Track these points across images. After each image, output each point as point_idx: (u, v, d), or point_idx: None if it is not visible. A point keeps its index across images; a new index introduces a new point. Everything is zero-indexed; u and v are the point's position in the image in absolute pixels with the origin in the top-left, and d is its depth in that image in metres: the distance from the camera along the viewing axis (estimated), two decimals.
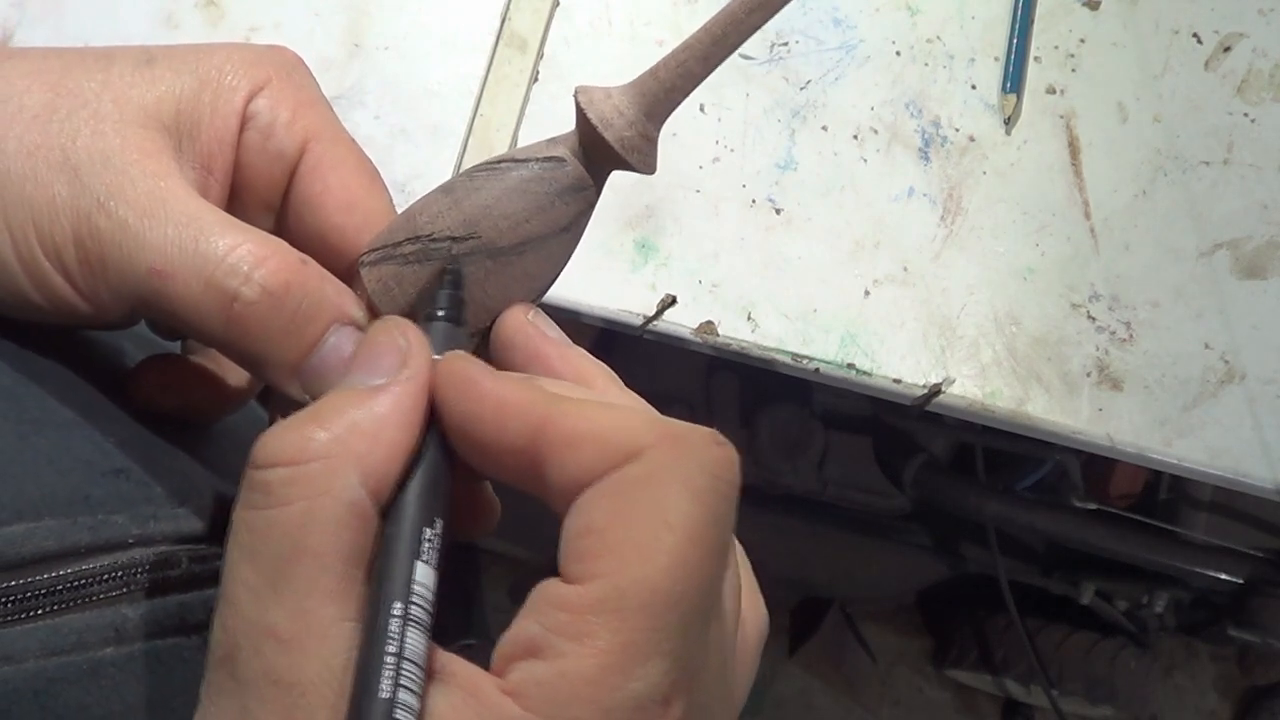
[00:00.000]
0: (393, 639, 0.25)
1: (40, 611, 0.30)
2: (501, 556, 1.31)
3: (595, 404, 0.28)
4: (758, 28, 0.30)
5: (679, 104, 0.31)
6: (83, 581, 0.31)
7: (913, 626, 1.45)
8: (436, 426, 0.28)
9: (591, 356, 0.32)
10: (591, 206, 0.32)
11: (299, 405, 0.32)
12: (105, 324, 0.35)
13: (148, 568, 0.32)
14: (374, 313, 0.32)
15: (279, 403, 0.34)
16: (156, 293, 0.31)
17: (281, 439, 0.26)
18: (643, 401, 0.31)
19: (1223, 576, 1.04)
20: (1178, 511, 1.06)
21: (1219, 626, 1.13)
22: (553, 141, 0.32)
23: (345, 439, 0.26)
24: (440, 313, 0.31)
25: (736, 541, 0.31)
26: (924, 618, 1.45)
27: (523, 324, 0.32)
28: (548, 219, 0.31)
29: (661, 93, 0.31)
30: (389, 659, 0.24)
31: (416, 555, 0.26)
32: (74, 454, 0.32)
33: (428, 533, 0.27)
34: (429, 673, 0.26)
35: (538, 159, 0.32)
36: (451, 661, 0.26)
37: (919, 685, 1.44)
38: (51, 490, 0.31)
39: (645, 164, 0.32)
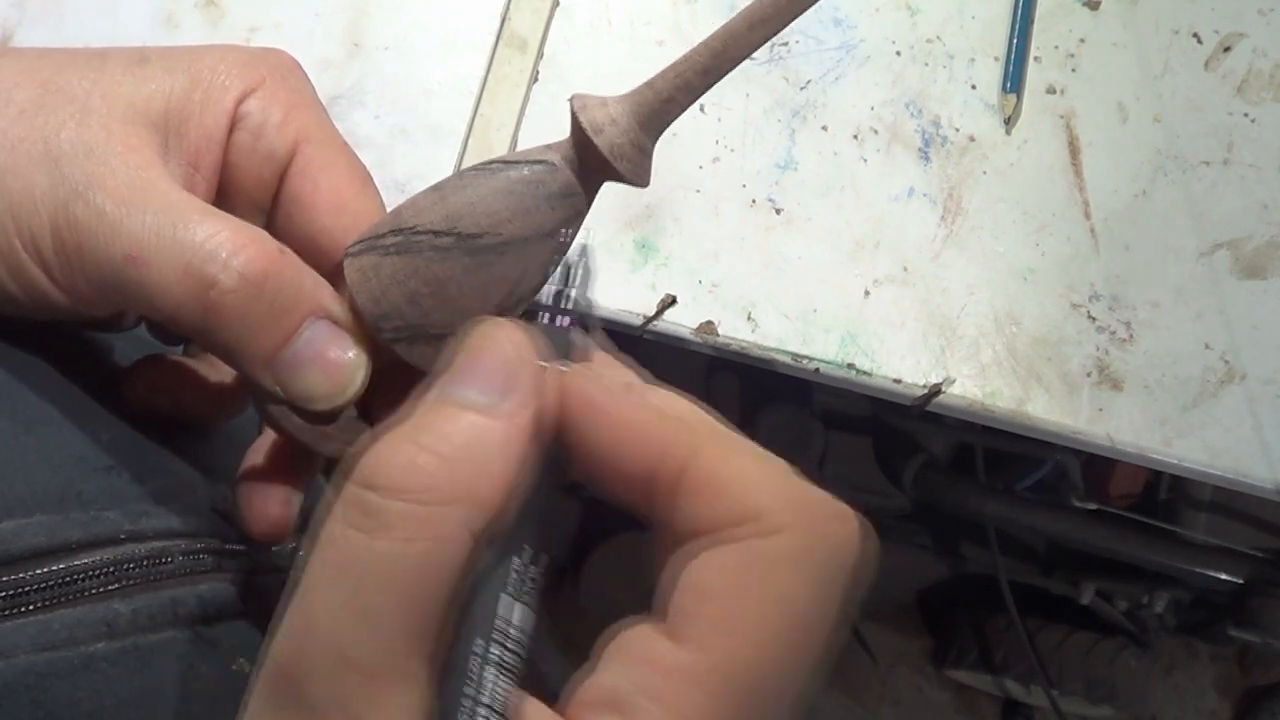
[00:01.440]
0: (470, 679, 0.24)
1: (32, 607, 0.30)
2: None
3: (728, 447, 0.27)
4: (758, 45, 0.30)
5: (675, 117, 0.31)
6: (74, 577, 0.31)
7: (913, 626, 1.45)
8: (549, 453, 0.27)
9: (638, 368, 0.30)
10: (580, 215, 0.32)
11: (276, 399, 0.32)
12: (87, 318, 0.35)
13: (140, 563, 0.32)
14: (352, 305, 0.32)
15: (258, 397, 0.33)
16: (133, 280, 0.30)
17: (397, 462, 0.25)
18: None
19: (1223, 576, 1.04)
20: (1178, 511, 1.06)
21: (1219, 626, 1.13)
22: (548, 147, 0.32)
23: (466, 479, 0.25)
24: (565, 319, 0.29)
25: None
26: (924, 618, 1.45)
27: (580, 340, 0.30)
28: (531, 221, 0.31)
29: (658, 103, 0.30)
30: (465, 701, 0.23)
31: (504, 589, 0.25)
32: (66, 451, 0.32)
33: (516, 563, 0.26)
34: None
35: (528, 161, 0.31)
36: (523, 702, 0.25)
37: (919, 685, 1.44)
38: (43, 487, 0.31)
39: (637, 174, 0.31)
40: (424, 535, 0.24)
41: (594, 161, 0.31)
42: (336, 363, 0.32)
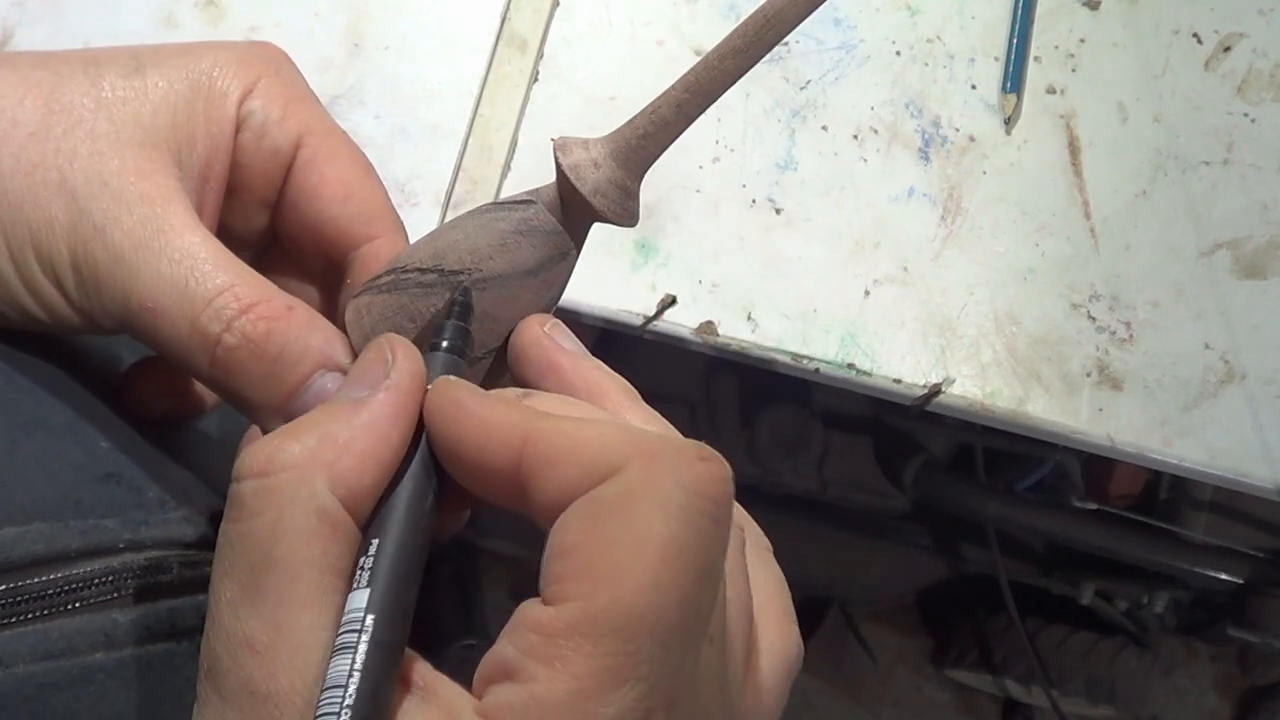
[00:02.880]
0: (352, 651, 0.25)
1: (31, 616, 0.30)
2: (501, 556, 1.31)
3: (576, 420, 0.27)
4: (734, 77, 0.30)
5: (655, 155, 0.31)
6: (73, 586, 0.31)
7: (913, 626, 1.45)
8: (424, 447, 0.29)
9: (608, 369, 0.31)
10: (563, 255, 0.32)
11: None
12: (104, 334, 0.35)
13: (138, 573, 0.32)
14: (352, 349, 0.33)
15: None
16: (147, 327, 0.31)
17: (256, 452, 0.27)
18: (656, 415, 0.30)
19: (1223, 576, 1.04)
20: (1178, 511, 1.06)
21: (1219, 626, 1.13)
22: (535, 190, 0.32)
23: (316, 449, 0.27)
24: (443, 343, 0.31)
25: (775, 565, 0.30)
26: (924, 618, 1.45)
27: (537, 335, 0.32)
28: (511, 258, 0.31)
29: (636, 141, 0.31)
30: (355, 673, 0.24)
31: (390, 570, 0.26)
32: (65, 458, 0.32)
33: (403, 549, 0.27)
34: (410, 687, 0.26)
35: (513, 203, 0.32)
36: (436, 680, 0.26)
37: (919, 685, 1.44)
38: (42, 495, 0.31)
39: (620, 215, 0.32)
40: (272, 505, 0.26)
41: (576, 203, 0.31)
42: None
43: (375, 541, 0.27)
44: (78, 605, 0.31)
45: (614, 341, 0.68)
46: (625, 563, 0.24)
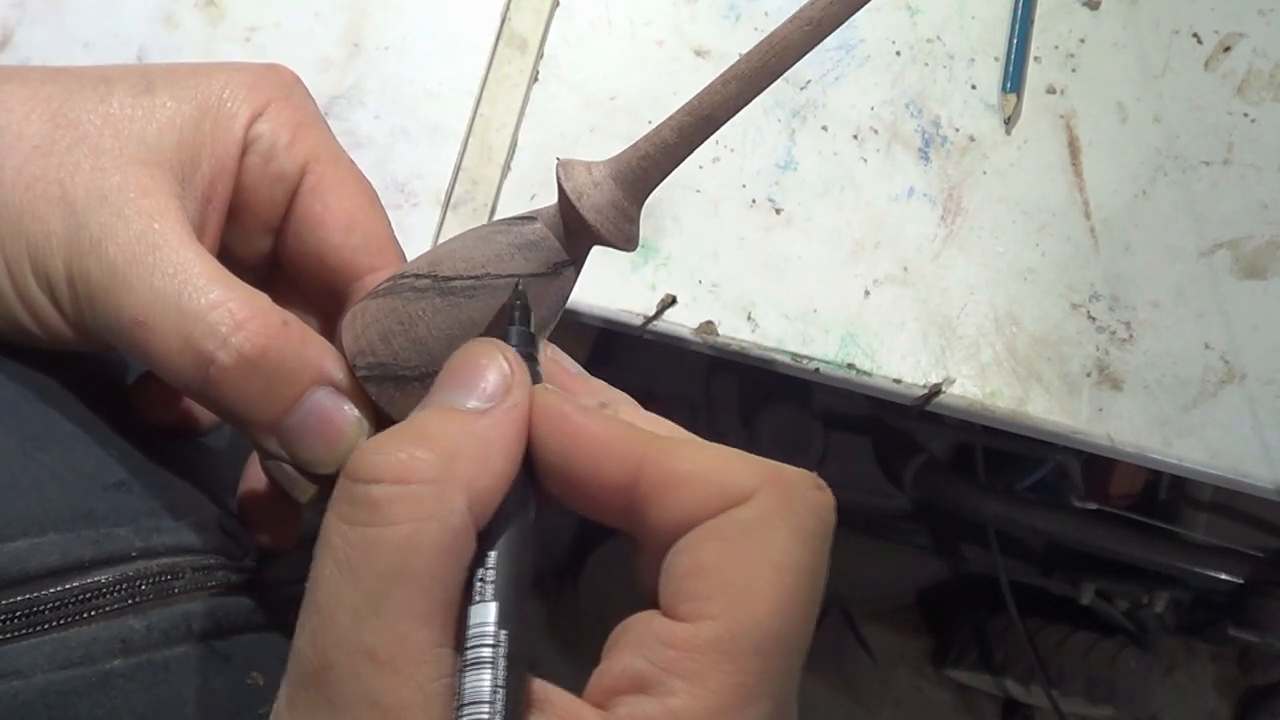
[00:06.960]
0: (490, 666, 0.25)
1: (48, 625, 0.30)
2: None
3: (695, 444, 0.28)
4: (736, 101, 0.30)
5: (658, 179, 0.31)
6: (88, 595, 0.31)
7: (913, 626, 1.45)
8: (527, 458, 0.28)
9: (611, 387, 0.31)
10: (557, 273, 0.32)
11: (282, 460, 0.32)
12: (99, 351, 0.35)
13: (152, 579, 0.32)
14: (342, 351, 0.33)
15: (263, 455, 0.34)
16: (139, 343, 0.31)
17: (387, 455, 0.26)
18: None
19: (1223, 576, 1.04)
20: (1178, 511, 1.06)
21: (1219, 626, 1.13)
22: (538, 209, 0.33)
23: (452, 463, 0.26)
24: (513, 347, 0.30)
25: None
26: (924, 618, 1.45)
27: (544, 360, 0.31)
28: (503, 268, 0.32)
29: (637, 162, 0.31)
30: (489, 689, 0.24)
31: (511, 583, 0.26)
32: (76, 469, 0.32)
33: (518, 562, 0.27)
34: (527, 702, 0.26)
35: (514, 219, 0.32)
36: (547, 690, 0.26)
37: (919, 685, 1.44)
38: (55, 505, 0.31)
39: (617, 236, 0.31)
40: (411, 516, 0.25)
41: (575, 223, 0.31)
42: (338, 430, 0.32)
43: (492, 554, 0.26)
44: (94, 613, 0.31)
45: (614, 341, 0.68)
46: (765, 585, 0.25)
